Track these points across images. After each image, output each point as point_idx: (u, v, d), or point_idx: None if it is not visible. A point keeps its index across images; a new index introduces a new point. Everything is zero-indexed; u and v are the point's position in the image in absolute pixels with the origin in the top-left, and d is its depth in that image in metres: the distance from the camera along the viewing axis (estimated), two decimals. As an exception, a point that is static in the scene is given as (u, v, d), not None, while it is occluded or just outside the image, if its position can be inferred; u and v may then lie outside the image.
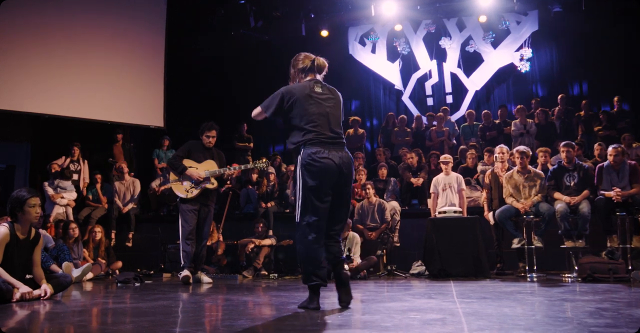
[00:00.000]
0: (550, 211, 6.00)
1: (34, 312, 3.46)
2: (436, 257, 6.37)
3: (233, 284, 5.93)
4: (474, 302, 3.58)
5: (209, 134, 6.03)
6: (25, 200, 4.15)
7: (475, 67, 11.88)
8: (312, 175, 3.33)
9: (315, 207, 3.33)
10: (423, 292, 4.56)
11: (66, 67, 8.75)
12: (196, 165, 5.97)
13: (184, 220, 5.86)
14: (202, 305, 3.81)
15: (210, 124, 6.06)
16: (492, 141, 9.38)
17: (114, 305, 3.88)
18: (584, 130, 9.47)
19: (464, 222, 6.54)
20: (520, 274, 6.36)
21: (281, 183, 8.78)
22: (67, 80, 8.73)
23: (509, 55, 11.61)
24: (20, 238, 4.16)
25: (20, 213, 4.15)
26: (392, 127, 10.82)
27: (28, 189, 4.33)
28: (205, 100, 11.74)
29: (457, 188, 7.11)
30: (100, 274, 7.06)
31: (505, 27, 11.46)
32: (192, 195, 5.88)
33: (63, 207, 8.22)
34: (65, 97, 8.72)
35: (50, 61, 8.60)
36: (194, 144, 6.13)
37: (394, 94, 12.58)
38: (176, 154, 6.11)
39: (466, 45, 11.80)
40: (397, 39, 12.16)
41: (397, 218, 7.48)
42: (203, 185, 5.92)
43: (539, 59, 11.70)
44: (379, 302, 3.77)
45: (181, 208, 5.94)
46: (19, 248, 4.14)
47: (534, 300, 3.77)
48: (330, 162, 3.35)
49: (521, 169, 6.36)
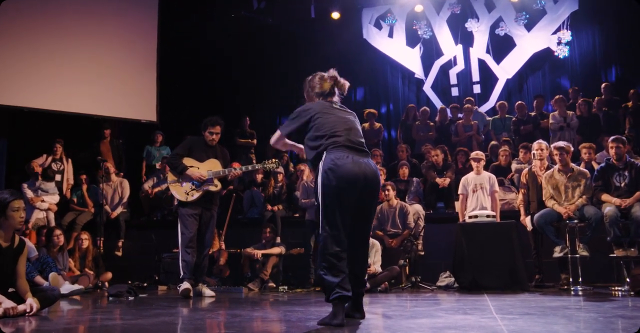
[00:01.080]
0: (597, 215, 5.93)
1: (18, 329, 3.45)
2: (467, 267, 6.36)
3: (238, 298, 5.92)
4: (518, 319, 3.55)
5: (212, 130, 6.00)
6: (8, 203, 4.13)
7: (507, 52, 11.83)
8: (336, 181, 3.39)
9: (338, 217, 3.39)
10: (456, 306, 4.52)
11: (47, 55, 8.75)
12: (198, 164, 5.95)
13: (184, 226, 5.84)
14: (208, 322, 3.79)
15: (215, 119, 6.03)
16: (528, 136, 9.34)
17: (110, 322, 3.86)
18: (632, 123, 9.38)
19: (499, 228, 6.52)
20: (563, 287, 6.31)
21: (289, 184, 8.76)
22: (49, 70, 8.74)
23: (544, 39, 11.55)
24: (3, 247, 4.15)
25: (3, 218, 4.12)
26: (412, 120, 10.80)
27: (10, 191, 4.31)
28: (203, 91, 11.73)
29: (489, 189, 7.08)
30: (89, 287, 7.05)
31: (540, 7, 11.42)
32: (193, 199, 5.86)
33: (44, 212, 8.24)
34: (47, 89, 8.73)
35: (29, 49, 8.60)
36: (196, 140, 6.11)
37: (413, 83, 12.55)
38: (175, 152, 6.09)
39: (496, 27, 11.76)
40: (418, 21, 12.14)
41: (421, 224, 7.45)
42: (205, 187, 5.89)
43: (579, 43, 11.63)
44: (407, 318, 3.73)
45: (180, 212, 5.92)
46: (1, 258, 4.13)
47: (585, 316, 3.72)
48: (355, 167, 3.44)
49: (562, 168, 6.31)
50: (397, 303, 4.98)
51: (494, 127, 10.36)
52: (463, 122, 10.32)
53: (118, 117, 9.54)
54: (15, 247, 4.24)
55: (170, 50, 10.22)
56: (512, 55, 11.80)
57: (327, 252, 3.35)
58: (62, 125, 9.33)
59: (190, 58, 11.42)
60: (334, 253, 3.33)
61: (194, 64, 11.58)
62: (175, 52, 10.59)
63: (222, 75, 11.93)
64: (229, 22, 11.49)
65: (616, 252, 5.89)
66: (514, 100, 11.01)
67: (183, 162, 5.92)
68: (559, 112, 9.35)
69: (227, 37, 11.59)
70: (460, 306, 4.52)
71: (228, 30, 11.53)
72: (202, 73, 11.77)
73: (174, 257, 7.50)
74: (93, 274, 7.26)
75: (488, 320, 3.47)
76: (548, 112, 9.82)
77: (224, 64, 11.89)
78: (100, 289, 7.26)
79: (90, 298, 6.22)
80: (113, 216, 8.49)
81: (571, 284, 6.06)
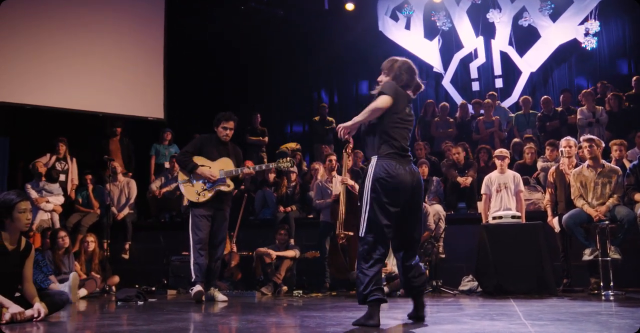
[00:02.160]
0: (630, 216, 5.89)
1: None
2: (491, 270, 6.34)
3: (251, 303, 5.93)
4: (549, 325, 3.54)
5: (226, 125, 6.01)
6: (15, 204, 4.16)
7: (531, 44, 11.78)
8: (385, 191, 3.61)
9: (383, 224, 3.60)
10: (481, 312, 4.52)
11: (50, 51, 8.77)
12: (209, 163, 5.96)
13: (196, 228, 5.87)
14: (224, 328, 3.80)
15: (228, 114, 6.05)
16: (554, 133, 9.29)
17: (120, 328, 3.89)
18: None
19: (525, 229, 6.50)
20: (593, 291, 6.26)
21: (303, 184, 8.76)
22: (52, 67, 8.76)
23: (571, 30, 11.48)
24: (9, 249, 4.18)
25: (9, 220, 4.16)
26: (431, 117, 10.77)
27: (17, 192, 4.35)
28: (212, 87, 11.79)
29: (514, 189, 7.05)
30: (96, 291, 7.11)
31: (566, -4, 11.36)
32: (205, 199, 5.89)
33: (48, 213, 8.28)
34: (50, 85, 8.76)
35: (32, 45, 8.62)
36: (207, 138, 6.13)
37: (432, 77, 12.51)
38: (185, 150, 6.11)
39: (519, 18, 11.72)
40: (436, 12, 12.11)
41: (442, 225, 7.42)
42: (217, 187, 5.91)
43: (607, 34, 11.56)
44: (433, 323, 3.73)
45: (192, 213, 5.96)
46: (7, 261, 4.16)
47: (620, 323, 3.70)
48: (406, 177, 3.67)
49: (592, 163, 6.26)
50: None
51: (517, 123, 10.30)
52: (484, 119, 10.28)
53: (124, 115, 9.56)
54: (21, 250, 4.27)
55: (178, 46, 10.24)
56: (537, 48, 11.74)
57: (369, 257, 3.59)
58: (65, 123, 9.38)
59: (198, 53, 11.47)
60: (376, 259, 3.59)
61: (202, 59, 11.62)
62: (183, 47, 10.63)
63: (231, 70, 11.97)
64: (237, 15, 11.49)
65: (650, 254, 5.87)
66: (539, 95, 10.96)
67: (193, 161, 5.93)
68: (587, 107, 9.28)
69: (236, 30, 11.61)
70: (486, 311, 4.51)
71: (237, 23, 11.53)
72: (211, 68, 11.81)
73: (183, 260, 7.56)
74: (100, 278, 7.30)
75: (518, 326, 3.46)
76: (575, 108, 9.75)
77: (233, 59, 11.92)
78: (108, 293, 7.31)
79: (98, 302, 6.26)
80: (119, 217, 8.53)
81: (602, 289, 6.02)
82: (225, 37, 11.65)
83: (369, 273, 3.54)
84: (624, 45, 11.62)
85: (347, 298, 6.16)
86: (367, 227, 3.60)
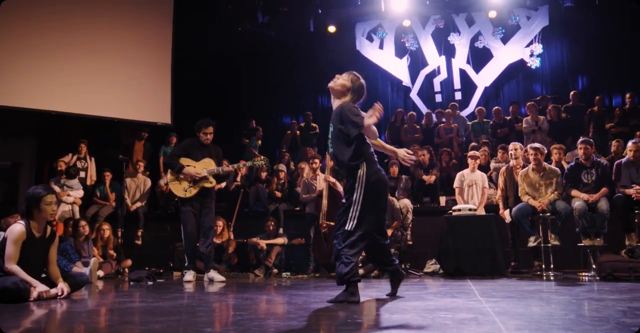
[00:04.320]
0: (567, 209, 5.96)
1: (51, 311, 3.44)
2: (451, 255, 6.35)
3: (246, 283, 5.91)
4: (501, 301, 3.56)
5: (206, 130, 6.04)
6: (42, 197, 4.13)
7: (485, 63, 11.87)
8: (377, 196, 3.69)
9: (369, 221, 3.67)
10: (443, 291, 4.53)
11: (73, 64, 8.69)
12: (194, 163, 6.00)
13: (186, 222, 5.95)
14: (222, 305, 3.79)
15: (207, 121, 6.08)
16: (504, 138, 9.36)
17: (134, 304, 3.86)
18: (596, 127, 9.42)
19: (480, 220, 6.52)
20: (536, 273, 6.33)
21: (291, 181, 8.74)
22: (74, 78, 8.67)
23: (519, 51, 11.59)
24: (37, 237, 4.14)
25: (37, 211, 4.12)
26: (400, 123, 10.80)
27: (44, 186, 4.32)
28: (213, 96, 11.71)
29: (480, 185, 7.10)
30: (111, 272, 7.03)
31: (515, 23, 11.45)
32: (191, 194, 5.92)
33: (69, 205, 8.18)
34: (72, 94, 8.67)
35: (57, 58, 8.53)
36: (191, 142, 6.16)
37: (402, 90, 12.56)
38: (172, 153, 6.14)
39: (475, 40, 11.79)
40: (405, 34, 12.14)
41: (409, 217, 7.44)
42: (201, 184, 5.93)
43: (549, 55, 11.69)
44: (402, 300, 3.75)
45: (181, 209, 6.01)
46: (35, 247, 4.12)
47: (560, 299, 3.74)
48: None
49: (536, 166, 6.32)
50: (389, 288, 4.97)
51: (473, 130, 10.38)
52: (445, 126, 10.33)
53: (136, 120, 9.49)
54: (47, 237, 4.23)
55: (184, 61, 10.17)
56: (490, 66, 11.83)
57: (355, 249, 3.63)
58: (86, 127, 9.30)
59: (201, 66, 11.40)
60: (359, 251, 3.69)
61: (205, 72, 11.56)
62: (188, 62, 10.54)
63: (229, 81, 11.93)
64: (236, 35, 11.45)
65: (584, 241, 5.91)
66: (491, 106, 11.02)
67: (180, 162, 5.94)
68: (531, 117, 9.37)
69: (234, 48, 11.56)
70: (447, 290, 4.53)
71: (235, 42, 11.49)
72: (213, 80, 11.75)
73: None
74: (115, 261, 7.23)
75: (474, 303, 3.48)
76: (522, 117, 9.84)
77: (231, 72, 11.87)
78: (122, 275, 7.24)
79: (113, 283, 6.20)
80: (132, 209, 8.46)
81: (544, 270, 6.08)
82: (224, 54, 11.59)
83: (353, 259, 3.61)
84: (562, 64, 11.75)
85: (329, 279, 6.16)
86: (357, 224, 3.62)
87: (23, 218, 4.17)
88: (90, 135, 9.15)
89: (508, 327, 2.50)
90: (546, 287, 4.77)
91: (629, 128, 8.99)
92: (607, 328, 2.42)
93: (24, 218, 4.17)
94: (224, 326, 2.74)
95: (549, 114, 9.59)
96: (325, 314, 3.09)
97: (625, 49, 10.66)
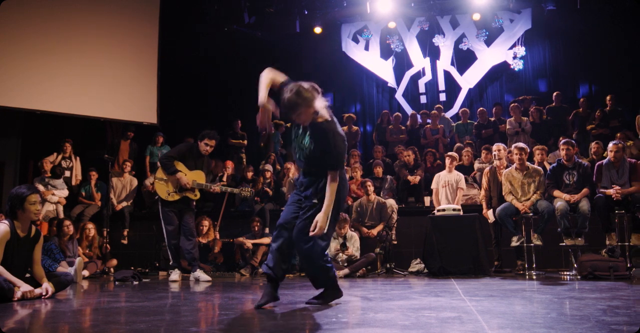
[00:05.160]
0: (549, 209, 6.02)
1: (35, 310, 3.40)
2: (436, 255, 6.36)
3: (232, 282, 5.88)
4: (483, 300, 3.58)
5: (208, 142, 5.98)
6: (26, 197, 4.09)
7: (469, 65, 11.93)
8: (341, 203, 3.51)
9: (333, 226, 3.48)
10: (427, 290, 4.55)
11: (58, 63, 8.60)
12: (186, 171, 5.96)
13: (167, 223, 5.95)
14: (208, 304, 3.77)
15: (213, 133, 6.03)
16: (488, 139, 9.43)
17: (119, 304, 3.82)
18: (579, 128, 9.53)
19: (463, 220, 6.54)
20: (519, 272, 6.39)
21: (277, 181, 8.72)
22: (59, 77, 8.59)
23: (502, 54, 11.67)
24: (21, 236, 4.09)
25: (20, 211, 4.08)
26: (387, 124, 10.83)
27: (27, 186, 4.27)
28: (199, 96, 11.65)
29: (455, 186, 7.14)
30: (96, 272, 6.97)
31: (498, 25, 11.52)
32: (173, 199, 5.92)
33: (53, 205, 8.09)
34: (58, 93, 8.58)
35: (42, 57, 8.44)
36: (189, 147, 6.10)
37: (387, 91, 12.58)
38: (169, 154, 6.06)
39: (459, 43, 11.84)
40: (391, 36, 12.16)
41: (394, 217, 7.47)
42: (186, 193, 5.94)
43: (532, 58, 11.78)
44: (387, 300, 3.75)
45: (161, 210, 5.99)
46: (19, 247, 4.07)
47: (542, 298, 3.78)
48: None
49: (519, 166, 6.38)
50: (374, 287, 5.00)
51: (457, 131, 10.44)
52: (430, 127, 10.38)
53: (122, 120, 9.42)
54: (31, 237, 4.18)
55: (170, 59, 10.12)
56: (474, 68, 11.90)
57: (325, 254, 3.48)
58: (71, 126, 9.19)
59: (187, 66, 11.34)
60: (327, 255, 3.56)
61: (191, 72, 11.51)
62: (174, 62, 10.50)
63: (215, 82, 11.86)
64: (222, 35, 11.40)
65: (565, 241, 5.99)
66: (475, 107, 11.11)
67: (175, 165, 5.89)
68: (514, 118, 9.45)
69: (220, 48, 11.52)
70: (432, 289, 4.55)
71: (221, 42, 11.45)
72: (198, 80, 11.70)
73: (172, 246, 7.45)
74: (100, 261, 7.17)
75: (458, 302, 3.50)
76: (505, 118, 9.91)
77: (217, 72, 11.82)
78: (107, 274, 7.18)
79: (98, 282, 6.14)
80: (118, 208, 8.39)
81: (526, 269, 6.14)
82: (210, 54, 11.54)
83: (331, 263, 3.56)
84: (544, 67, 11.87)
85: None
86: (328, 233, 3.38)
87: (7, 218, 4.11)
88: (75, 135, 9.05)
89: (491, 326, 2.51)
90: (528, 286, 4.81)
91: (610, 129, 9.11)
92: (588, 327, 2.45)
93: (7, 218, 4.11)
94: (209, 325, 2.72)
95: (531, 116, 9.68)
96: (311, 313, 3.08)
97: (606, 51, 10.79)
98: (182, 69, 11.16)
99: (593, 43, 10.94)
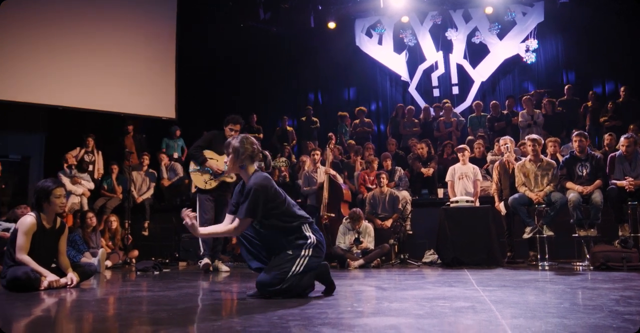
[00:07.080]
0: (562, 200, 5.95)
1: (61, 299, 3.45)
2: (449, 246, 6.35)
3: (249, 272, 5.91)
4: (497, 290, 3.57)
5: (233, 127, 5.95)
6: (51, 190, 4.14)
7: (481, 58, 11.83)
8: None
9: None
10: (441, 280, 4.54)
11: (80, 61, 8.74)
12: (217, 157, 5.92)
13: (203, 210, 5.86)
14: (227, 293, 3.80)
15: (237, 118, 5.98)
16: (501, 132, 9.35)
17: (141, 293, 3.87)
18: (592, 120, 9.40)
19: (477, 212, 6.52)
20: (532, 263, 6.34)
21: (292, 173, 8.74)
22: (81, 73, 8.72)
23: (514, 47, 11.56)
24: (47, 228, 4.16)
25: (46, 204, 4.14)
26: (401, 117, 10.79)
27: (53, 180, 4.32)
28: (216, 91, 11.71)
29: (473, 178, 7.10)
30: (118, 262, 7.06)
31: (511, 19, 11.40)
32: (211, 187, 5.88)
33: (78, 197, 8.21)
34: (80, 89, 8.71)
35: (64, 54, 8.58)
36: (216, 134, 6.07)
37: (400, 85, 12.53)
38: (197, 145, 6.04)
39: (472, 36, 11.74)
40: (404, 30, 12.09)
41: (408, 208, 7.45)
42: (222, 178, 5.90)
43: (544, 50, 11.66)
44: (401, 289, 3.75)
45: (199, 197, 5.93)
46: (45, 238, 4.14)
47: (555, 288, 3.75)
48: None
49: (533, 158, 6.31)
50: (389, 277, 4.99)
51: (470, 124, 10.36)
52: (444, 120, 10.32)
53: (141, 115, 9.50)
54: (57, 228, 4.25)
55: (188, 57, 10.17)
56: (486, 61, 11.80)
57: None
58: (93, 121, 9.30)
59: (204, 61, 11.40)
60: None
61: (208, 67, 11.57)
62: (192, 58, 10.55)
63: (232, 77, 11.91)
64: (238, 30, 11.43)
65: (578, 232, 5.93)
66: (488, 100, 11.02)
67: (203, 154, 5.89)
68: (527, 111, 9.36)
69: (236, 44, 11.57)
70: (445, 279, 4.54)
71: (237, 37, 11.49)
72: (215, 75, 11.76)
73: (191, 237, 7.50)
74: (122, 252, 7.26)
75: (471, 292, 3.49)
76: (518, 111, 9.82)
77: (234, 67, 11.87)
78: (129, 265, 7.26)
79: (121, 272, 6.22)
80: (139, 201, 8.47)
81: (539, 260, 6.09)
82: (227, 49, 11.57)
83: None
84: (557, 59, 11.72)
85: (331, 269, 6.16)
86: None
87: (33, 210, 4.18)
88: (97, 130, 9.14)
89: (504, 315, 2.51)
90: (541, 276, 4.77)
91: (622, 121, 8.97)
92: (601, 316, 2.43)
93: (34, 210, 4.18)
94: (228, 314, 2.75)
95: (544, 108, 9.58)
96: (327, 302, 3.10)
97: (619, 43, 10.63)
98: (199, 65, 11.21)
99: (606, 35, 10.77)
